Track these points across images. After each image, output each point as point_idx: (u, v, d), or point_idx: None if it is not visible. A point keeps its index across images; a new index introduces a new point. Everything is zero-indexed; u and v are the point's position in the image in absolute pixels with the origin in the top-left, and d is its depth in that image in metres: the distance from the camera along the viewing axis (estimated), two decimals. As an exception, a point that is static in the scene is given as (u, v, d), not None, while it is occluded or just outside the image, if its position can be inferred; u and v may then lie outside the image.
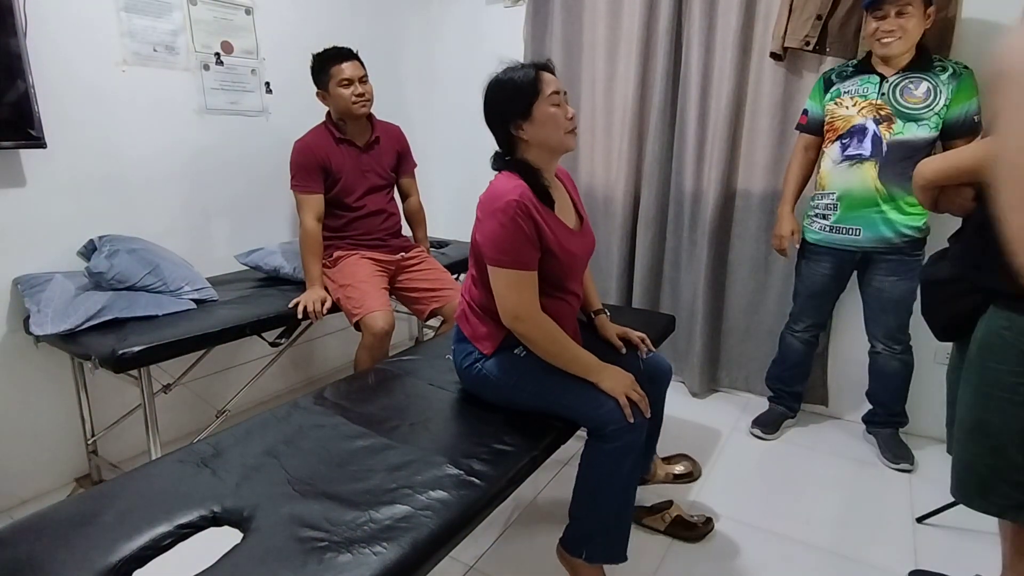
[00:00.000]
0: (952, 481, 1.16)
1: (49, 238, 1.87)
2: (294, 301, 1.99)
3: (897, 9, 1.78)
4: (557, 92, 1.33)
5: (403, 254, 2.29)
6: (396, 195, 2.40)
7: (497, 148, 1.42)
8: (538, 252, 1.33)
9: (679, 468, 1.90)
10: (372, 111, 2.19)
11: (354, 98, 2.07)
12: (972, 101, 1.83)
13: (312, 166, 2.09)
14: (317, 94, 2.14)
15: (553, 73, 1.37)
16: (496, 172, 1.40)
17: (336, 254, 2.19)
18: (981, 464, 1.08)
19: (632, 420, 1.31)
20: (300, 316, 1.98)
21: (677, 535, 1.70)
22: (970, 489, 1.12)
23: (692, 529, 1.70)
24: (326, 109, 2.18)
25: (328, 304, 2.04)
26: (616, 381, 1.35)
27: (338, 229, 2.21)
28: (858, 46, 2.10)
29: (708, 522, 1.73)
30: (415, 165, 2.42)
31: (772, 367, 2.36)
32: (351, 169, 2.17)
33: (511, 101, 1.33)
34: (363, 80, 2.10)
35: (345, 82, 2.06)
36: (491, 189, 1.34)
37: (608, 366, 1.38)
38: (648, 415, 1.36)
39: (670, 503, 1.75)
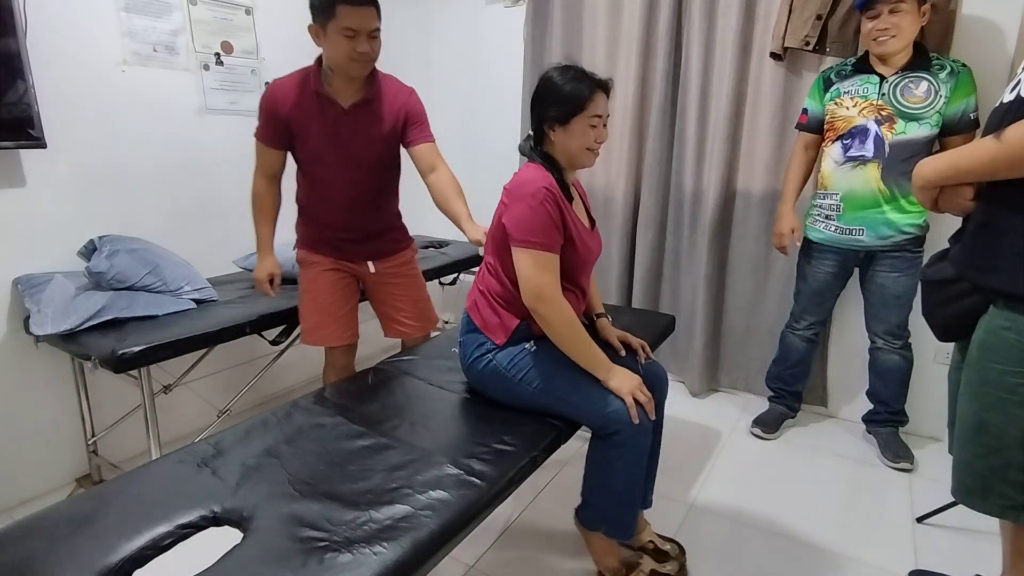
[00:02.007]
0: (953, 482, 1.16)
1: (49, 238, 1.87)
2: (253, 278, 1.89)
3: (890, 7, 1.79)
4: (600, 115, 1.37)
5: (371, 263, 1.90)
6: (398, 185, 1.96)
7: (530, 131, 1.45)
8: (562, 238, 1.36)
9: (667, 547, 1.60)
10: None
11: (354, 54, 1.61)
12: (970, 98, 1.83)
13: (271, 115, 1.72)
14: (309, 28, 1.64)
15: (608, 94, 1.40)
16: (522, 155, 1.46)
17: (299, 253, 1.91)
18: (981, 464, 1.08)
19: (637, 421, 1.32)
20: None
21: None
22: (970, 490, 1.12)
23: None
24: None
25: (279, 279, 1.87)
26: (623, 381, 1.35)
27: (304, 207, 1.87)
28: (858, 46, 2.10)
29: None
30: (432, 137, 1.88)
31: (772, 366, 2.36)
32: (321, 132, 1.72)
33: (556, 105, 1.36)
34: (373, 35, 1.64)
35: (349, 32, 1.58)
36: (519, 177, 1.39)
37: (617, 366, 1.39)
38: (653, 417, 1.37)
39: (639, 560, 1.55)
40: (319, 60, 1.71)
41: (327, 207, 1.82)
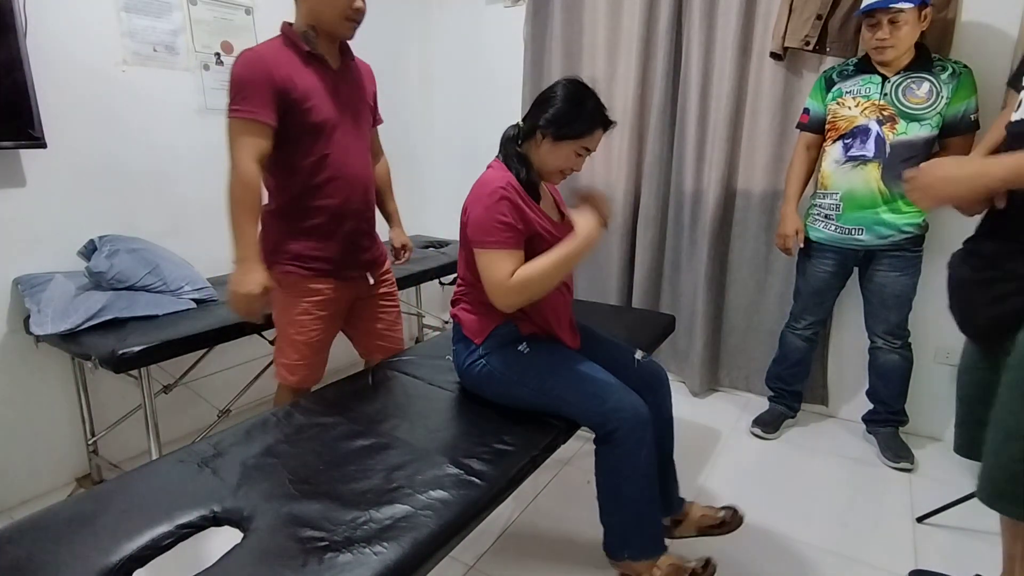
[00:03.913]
0: (983, 484, 1.12)
1: (49, 238, 1.87)
2: (227, 299, 1.48)
3: (889, 17, 1.79)
4: (589, 148, 1.41)
5: (371, 275, 1.72)
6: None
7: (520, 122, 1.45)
8: (522, 234, 1.35)
9: (720, 514, 1.65)
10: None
11: (350, 12, 1.44)
12: (971, 99, 1.84)
13: (262, 83, 1.40)
14: None
15: (605, 132, 1.43)
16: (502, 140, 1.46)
17: (283, 270, 1.56)
18: (1021, 469, 1.05)
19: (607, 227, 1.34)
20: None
21: None
22: (1005, 494, 1.08)
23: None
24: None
25: (267, 293, 1.47)
26: (586, 222, 1.33)
27: (297, 204, 1.54)
28: (858, 46, 2.10)
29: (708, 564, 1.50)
30: (381, 120, 1.81)
31: (772, 366, 2.36)
32: (326, 94, 1.49)
33: (556, 121, 1.37)
34: None
35: None
36: (479, 180, 1.40)
37: (581, 229, 1.33)
38: (608, 219, 1.38)
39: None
40: (288, 27, 1.50)
41: (346, 186, 1.53)
